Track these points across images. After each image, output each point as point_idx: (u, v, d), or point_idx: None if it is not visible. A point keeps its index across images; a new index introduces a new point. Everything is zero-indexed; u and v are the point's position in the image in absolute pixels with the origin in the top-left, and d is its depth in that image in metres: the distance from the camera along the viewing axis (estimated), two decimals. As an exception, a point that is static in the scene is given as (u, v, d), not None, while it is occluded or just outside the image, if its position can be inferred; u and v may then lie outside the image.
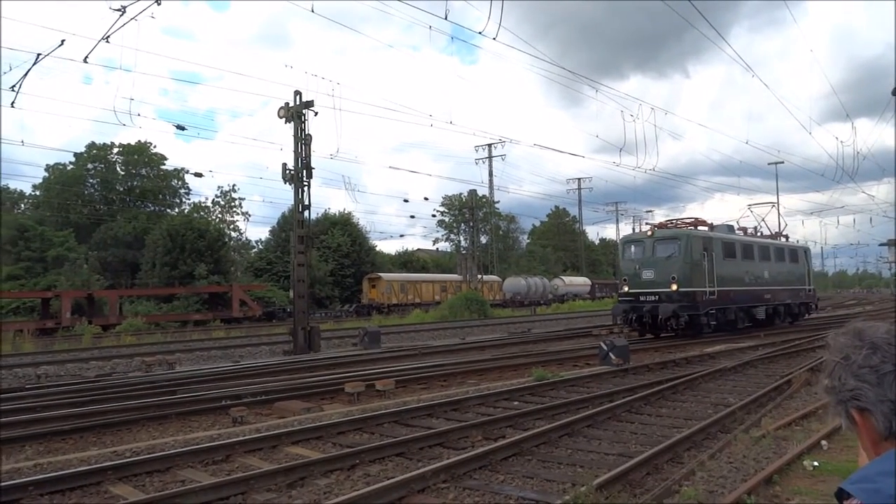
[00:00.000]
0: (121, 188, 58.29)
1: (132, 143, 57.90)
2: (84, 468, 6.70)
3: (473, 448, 7.40)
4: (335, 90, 69.51)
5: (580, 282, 66.03)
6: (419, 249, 75.84)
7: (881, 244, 63.08)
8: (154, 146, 59.06)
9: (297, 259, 21.15)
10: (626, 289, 21.38)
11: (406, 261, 66.69)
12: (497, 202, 66.82)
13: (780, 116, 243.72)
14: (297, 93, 21.54)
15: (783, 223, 41.74)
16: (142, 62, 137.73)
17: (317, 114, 21.73)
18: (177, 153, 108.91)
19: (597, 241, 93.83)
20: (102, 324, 31.75)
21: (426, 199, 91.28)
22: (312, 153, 21.62)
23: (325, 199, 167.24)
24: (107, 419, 9.46)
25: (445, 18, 14.51)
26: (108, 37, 16.82)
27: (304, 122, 21.51)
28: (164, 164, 59.52)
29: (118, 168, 58.58)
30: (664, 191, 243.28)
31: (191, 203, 60.50)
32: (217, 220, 57.77)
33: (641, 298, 20.71)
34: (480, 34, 14.43)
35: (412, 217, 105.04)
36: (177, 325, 35.21)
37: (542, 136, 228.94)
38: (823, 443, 7.05)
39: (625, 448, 7.45)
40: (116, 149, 58.01)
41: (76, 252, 46.86)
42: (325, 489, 6.16)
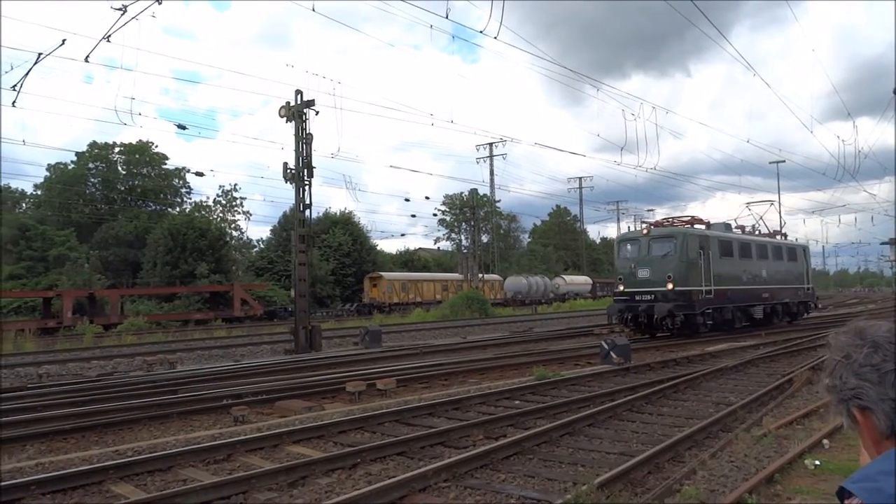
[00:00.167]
0: (122, 187, 58.39)
1: (133, 143, 58.07)
2: (86, 467, 6.71)
3: (475, 447, 7.40)
4: (336, 89, 69.44)
5: (581, 281, 66.06)
6: (420, 249, 75.83)
7: (882, 243, 62.98)
8: (155, 145, 59.26)
9: (299, 258, 21.16)
10: (622, 288, 21.15)
11: (407, 260, 66.66)
12: (498, 201, 66.85)
13: (782, 115, 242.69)
14: (298, 92, 21.55)
15: (783, 222, 41.75)
16: (143, 61, 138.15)
17: (318, 113, 21.81)
18: (178, 152, 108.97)
19: (598, 240, 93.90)
20: (104, 323, 31.80)
21: (427, 199, 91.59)
22: (313, 152, 21.68)
23: (326, 199, 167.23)
24: (108, 418, 9.47)
25: (447, 17, 14.48)
26: (110, 36, 16.84)
27: (305, 122, 21.53)
28: (166, 164, 59.75)
29: (119, 167, 58.66)
30: (665, 190, 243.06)
31: (192, 202, 60.66)
32: (218, 220, 57.76)
33: (637, 297, 20.51)
34: (482, 33, 14.45)
35: (413, 216, 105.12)
36: (178, 325, 35.25)
37: (544, 135, 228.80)
38: (825, 442, 7.04)
39: (626, 447, 7.45)
40: (118, 148, 58.15)
41: (77, 251, 46.91)
42: (327, 488, 6.16)
